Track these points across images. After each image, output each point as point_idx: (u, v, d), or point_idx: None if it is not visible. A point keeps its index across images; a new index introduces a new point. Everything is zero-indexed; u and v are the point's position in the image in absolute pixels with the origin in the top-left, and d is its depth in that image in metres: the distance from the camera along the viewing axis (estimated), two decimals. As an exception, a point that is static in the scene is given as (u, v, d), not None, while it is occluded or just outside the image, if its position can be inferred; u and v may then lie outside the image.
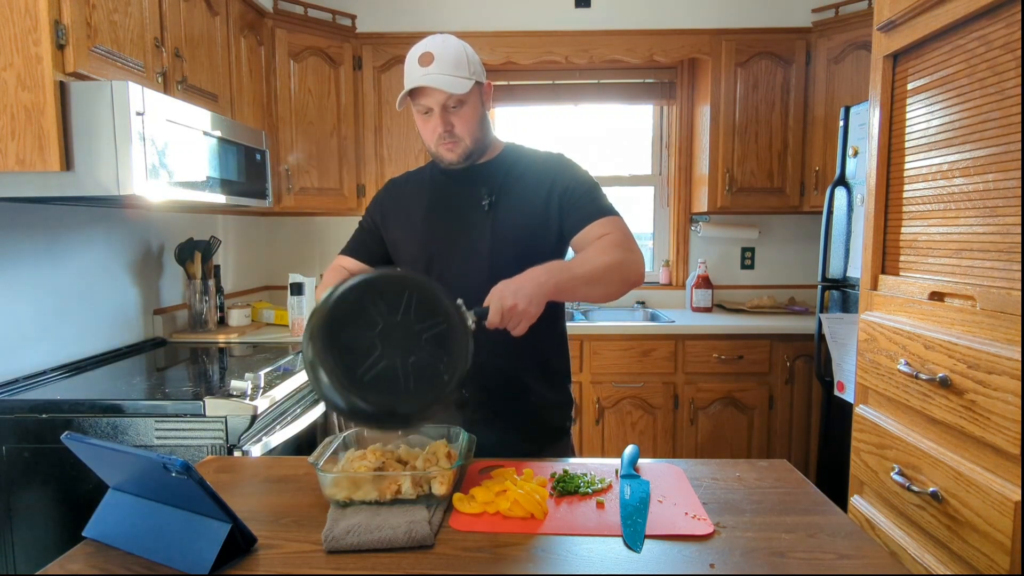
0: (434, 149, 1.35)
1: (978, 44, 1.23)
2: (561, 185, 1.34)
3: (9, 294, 1.74)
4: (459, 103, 1.29)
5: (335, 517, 0.93)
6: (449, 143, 1.31)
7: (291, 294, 2.62)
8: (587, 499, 1.03)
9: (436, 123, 1.30)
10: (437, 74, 1.24)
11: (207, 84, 2.13)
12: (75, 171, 1.51)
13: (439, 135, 1.31)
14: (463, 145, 1.32)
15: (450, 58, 1.26)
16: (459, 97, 1.28)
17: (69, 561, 0.88)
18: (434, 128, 1.31)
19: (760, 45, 2.94)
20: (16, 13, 1.42)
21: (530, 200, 1.34)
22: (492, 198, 1.35)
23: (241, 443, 1.58)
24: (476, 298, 1.31)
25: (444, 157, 1.34)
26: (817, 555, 0.87)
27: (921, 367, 1.33)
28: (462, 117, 1.30)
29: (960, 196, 1.29)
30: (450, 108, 1.29)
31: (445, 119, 1.29)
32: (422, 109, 1.31)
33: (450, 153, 1.33)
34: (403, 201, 1.45)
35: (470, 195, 1.36)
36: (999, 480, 1.12)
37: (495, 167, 1.39)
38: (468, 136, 1.32)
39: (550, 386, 1.41)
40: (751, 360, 2.80)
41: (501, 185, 1.36)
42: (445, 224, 1.37)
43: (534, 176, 1.37)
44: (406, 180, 1.50)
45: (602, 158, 3.48)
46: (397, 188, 1.49)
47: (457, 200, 1.38)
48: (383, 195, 1.49)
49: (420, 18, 3.09)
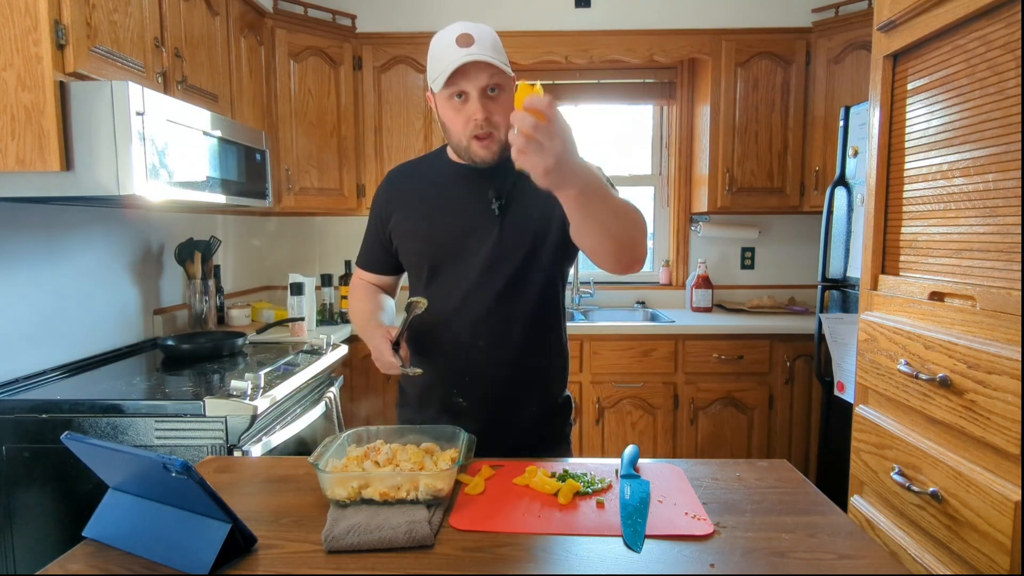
0: (466, 143, 1.24)
1: (978, 44, 1.23)
2: None
3: (9, 294, 1.74)
4: (498, 88, 1.21)
5: (335, 517, 0.93)
6: (485, 137, 1.22)
7: (291, 294, 2.62)
8: (587, 499, 1.03)
9: (474, 109, 1.20)
10: (480, 53, 1.16)
11: (207, 84, 2.13)
12: (75, 171, 1.50)
13: (476, 123, 1.21)
14: (497, 139, 1.23)
15: (489, 41, 1.20)
16: (500, 81, 1.20)
17: (69, 561, 0.88)
18: (470, 116, 1.21)
19: (760, 45, 2.94)
20: (16, 13, 1.42)
21: (538, 207, 1.28)
22: (502, 201, 1.29)
23: (241, 443, 1.58)
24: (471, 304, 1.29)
25: (477, 154, 1.25)
26: (817, 555, 0.86)
27: (921, 367, 1.33)
28: (500, 105, 1.22)
29: (960, 196, 1.29)
30: (488, 94, 1.20)
31: (484, 105, 1.20)
32: (456, 93, 1.21)
33: (485, 150, 1.24)
34: (405, 195, 1.39)
35: (479, 195, 1.30)
36: (999, 480, 1.12)
37: (502, 168, 1.30)
38: (504, 128, 1.23)
39: (549, 394, 1.39)
40: (751, 360, 2.80)
41: (512, 188, 1.30)
42: (451, 224, 1.32)
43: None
44: (409, 173, 1.43)
45: (602, 158, 3.48)
46: (399, 181, 1.43)
47: (465, 199, 1.31)
48: (384, 192, 1.43)
49: (420, 18, 3.09)
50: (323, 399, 2.07)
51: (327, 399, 2.09)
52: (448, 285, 1.32)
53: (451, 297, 1.31)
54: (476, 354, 1.31)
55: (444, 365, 1.33)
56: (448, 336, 1.32)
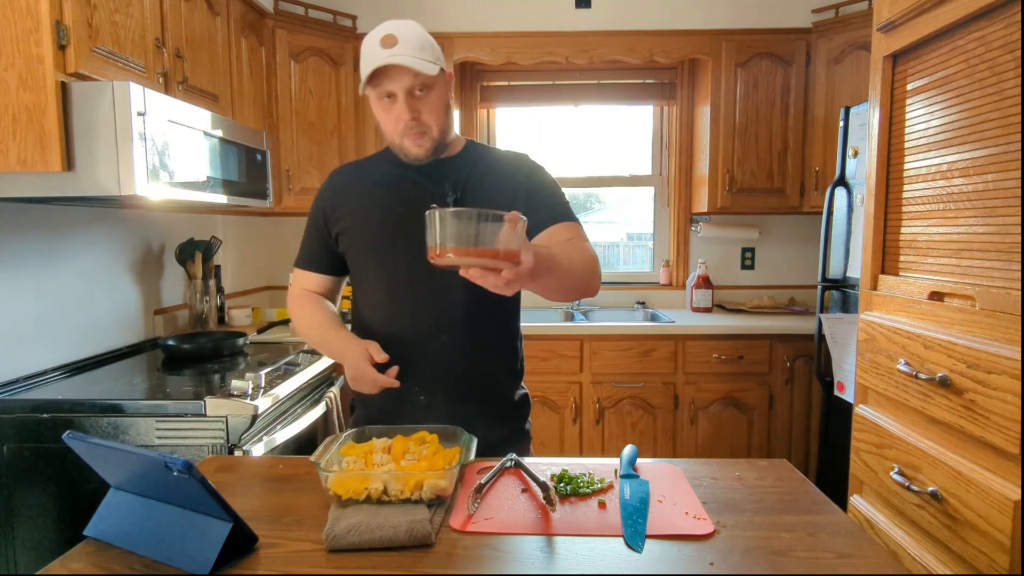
0: (398, 141, 1.26)
1: (977, 45, 1.24)
2: (528, 186, 1.31)
3: (10, 294, 1.75)
4: (425, 88, 1.21)
5: (336, 516, 0.94)
6: (416, 134, 1.23)
7: (291, 294, 2.62)
8: (587, 499, 1.03)
9: (401, 110, 1.21)
10: (403, 55, 1.16)
11: (208, 84, 2.14)
12: (76, 171, 1.51)
13: (405, 124, 1.22)
14: (430, 137, 1.24)
15: (414, 41, 1.18)
16: (425, 81, 1.20)
17: (70, 560, 0.88)
18: (398, 116, 1.22)
19: (760, 46, 2.95)
20: (17, 13, 1.42)
21: (495, 199, 1.28)
22: (457, 195, 1.28)
23: (242, 443, 1.58)
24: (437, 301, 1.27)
25: (410, 151, 1.26)
26: (817, 554, 0.87)
27: (921, 367, 1.34)
28: (429, 104, 1.22)
29: (959, 196, 1.29)
30: (416, 94, 1.20)
31: (411, 105, 1.21)
32: (383, 94, 1.21)
33: (417, 147, 1.25)
34: (352, 194, 1.35)
35: (432, 191, 1.29)
36: (998, 480, 1.12)
37: (459, 163, 1.32)
38: (436, 126, 1.24)
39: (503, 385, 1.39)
40: (751, 360, 2.80)
41: (466, 182, 1.30)
42: (403, 222, 1.29)
43: (500, 174, 1.32)
44: (354, 170, 1.40)
45: (602, 158, 3.49)
46: (344, 179, 1.39)
47: (417, 196, 1.28)
48: (327, 188, 1.39)
49: (420, 18, 3.04)
50: (324, 399, 2.08)
51: (328, 399, 2.09)
52: (403, 281, 1.30)
53: (408, 294, 1.30)
54: (437, 350, 1.30)
55: (405, 363, 1.27)
56: (407, 334, 1.30)
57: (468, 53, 3.01)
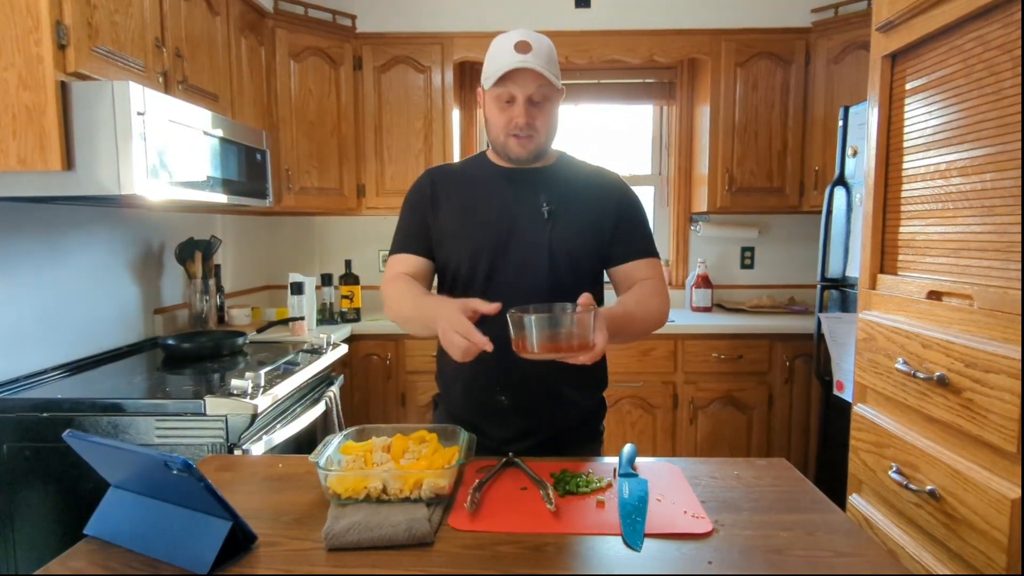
0: (503, 140, 1.30)
1: (975, 45, 1.24)
2: (618, 209, 1.35)
3: (10, 293, 1.75)
4: (544, 99, 1.27)
5: (335, 515, 0.94)
6: (524, 137, 1.28)
7: (291, 293, 2.62)
8: (586, 498, 1.03)
9: (518, 113, 1.26)
10: (535, 63, 1.22)
11: (208, 84, 2.14)
12: (76, 171, 1.51)
13: (517, 126, 1.27)
14: (536, 141, 1.29)
15: (545, 52, 1.26)
16: (547, 92, 1.26)
17: (70, 559, 0.88)
18: (512, 118, 1.27)
19: (760, 45, 2.95)
20: (17, 13, 1.42)
21: (587, 215, 1.33)
22: (552, 206, 1.32)
23: (241, 442, 1.59)
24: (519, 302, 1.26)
25: (513, 151, 1.30)
26: (815, 553, 0.87)
27: (919, 366, 1.34)
28: (544, 113, 1.29)
29: (958, 196, 1.30)
30: (534, 101, 1.26)
31: (529, 111, 1.26)
32: (505, 96, 1.26)
33: (521, 148, 1.29)
34: (453, 192, 1.38)
35: (529, 199, 1.33)
36: (996, 478, 1.13)
37: (553, 174, 1.36)
38: (544, 134, 1.30)
39: (590, 395, 1.46)
40: (750, 360, 2.80)
41: (561, 194, 1.34)
42: (501, 224, 1.32)
43: (593, 191, 1.36)
44: (454, 172, 1.43)
45: (602, 158, 3.48)
46: (444, 178, 1.41)
47: (515, 202, 1.33)
48: (427, 184, 1.40)
49: (420, 18, 3.09)
50: (323, 398, 2.08)
51: (327, 398, 2.09)
52: (495, 284, 1.31)
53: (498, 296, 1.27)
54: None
55: (490, 363, 1.25)
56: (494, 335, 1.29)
57: (468, 53, 3.01)
